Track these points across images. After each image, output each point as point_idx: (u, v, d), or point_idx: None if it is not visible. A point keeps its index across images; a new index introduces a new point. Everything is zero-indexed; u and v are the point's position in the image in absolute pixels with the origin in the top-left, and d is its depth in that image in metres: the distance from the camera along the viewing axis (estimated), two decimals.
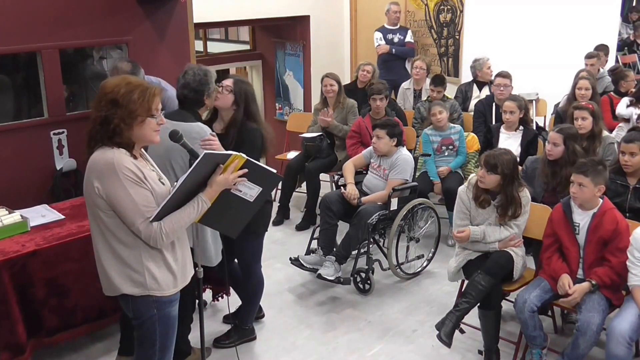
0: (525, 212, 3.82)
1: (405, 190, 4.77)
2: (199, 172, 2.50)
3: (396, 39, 7.34)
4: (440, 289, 4.73)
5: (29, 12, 4.33)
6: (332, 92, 6.01)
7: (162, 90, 2.57)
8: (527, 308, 3.47)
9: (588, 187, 3.43)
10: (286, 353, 3.95)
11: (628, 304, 3.35)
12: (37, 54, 4.45)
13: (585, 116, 4.61)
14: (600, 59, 6.47)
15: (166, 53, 5.05)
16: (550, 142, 4.20)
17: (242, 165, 2.59)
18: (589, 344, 3.33)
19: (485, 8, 7.09)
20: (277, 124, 8.11)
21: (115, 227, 2.46)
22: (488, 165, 3.73)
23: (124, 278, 2.51)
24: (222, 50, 8.50)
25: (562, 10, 6.54)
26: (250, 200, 2.70)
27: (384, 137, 4.74)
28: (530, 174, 4.37)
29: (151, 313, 2.57)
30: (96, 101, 2.46)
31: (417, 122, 6.28)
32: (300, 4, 7.65)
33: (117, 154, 2.41)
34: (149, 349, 2.64)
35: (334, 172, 6.03)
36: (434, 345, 3.90)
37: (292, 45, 7.93)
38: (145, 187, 2.44)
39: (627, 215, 3.78)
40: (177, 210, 2.48)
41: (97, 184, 2.40)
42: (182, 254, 2.64)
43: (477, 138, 5.63)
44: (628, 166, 3.91)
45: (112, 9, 4.71)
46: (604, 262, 3.48)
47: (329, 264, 4.53)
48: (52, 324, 3.54)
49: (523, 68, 6.32)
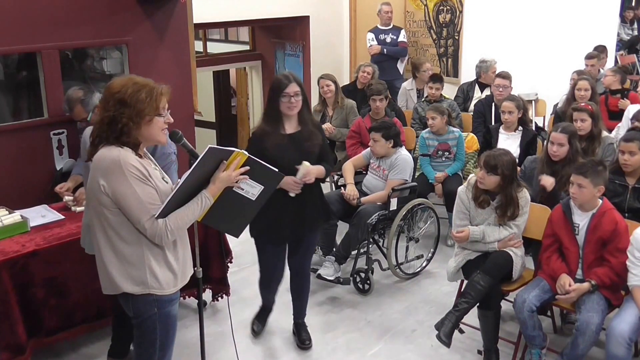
0: (525, 212, 3.82)
1: (404, 191, 4.77)
2: (202, 168, 2.50)
3: (388, 39, 7.34)
4: (440, 289, 4.74)
5: (29, 12, 4.33)
6: (329, 92, 6.03)
7: (169, 89, 2.57)
8: (526, 308, 3.47)
9: (587, 188, 3.42)
10: (286, 353, 3.95)
11: (628, 304, 3.36)
12: (37, 54, 4.45)
13: (584, 117, 4.61)
14: (600, 60, 6.48)
15: (166, 53, 5.05)
16: (554, 144, 4.13)
17: (244, 162, 2.60)
18: (588, 344, 3.34)
19: (485, 8, 7.10)
20: None
21: (119, 225, 2.47)
22: (488, 166, 3.73)
23: (125, 276, 2.51)
24: (221, 51, 8.50)
25: (561, 11, 6.55)
26: (252, 199, 2.71)
27: (380, 140, 4.74)
28: (529, 173, 4.37)
29: (151, 312, 2.57)
30: (104, 101, 2.47)
31: (415, 123, 6.28)
32: (299, 4, 7.65)
33: (122, 152, 2.42)
34: (149, 347, 2.65)
35: (334, 172, 6.03)
36: (433, 345, 3.91)
37: (292, 45, 7.93)
38: (150, 185, 2.45)
39: (626, 215, 3.78)
40: (181, 207, 2.49)
41: (103, 182, 2.41)
42: (182, 253, 2.65)
43: (476, 138, 5.63)
44: (627, 165, 3.91)
45: (112, 9, 4.71)
46: (603, 263, 3.48)
47: (329, 264, 4.54)
48: (52, 324, 3.54)
49: (522, 68, 6.34)
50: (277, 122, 3.50)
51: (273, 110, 3.49)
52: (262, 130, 3.52)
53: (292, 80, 3.43)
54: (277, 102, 3.45)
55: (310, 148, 3.54)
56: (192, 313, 4.31)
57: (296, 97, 3.43)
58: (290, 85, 3.41)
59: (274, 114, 3.49)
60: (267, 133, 3.48)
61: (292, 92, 3.42)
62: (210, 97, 9.54)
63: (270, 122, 3.51)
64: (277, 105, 3.46)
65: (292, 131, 3.54)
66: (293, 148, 3.48)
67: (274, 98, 3.46)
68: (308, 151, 3.52)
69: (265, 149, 3.38)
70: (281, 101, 3.43)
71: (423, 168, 5.54)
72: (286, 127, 3.52)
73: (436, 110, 5.40)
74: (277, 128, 3.50)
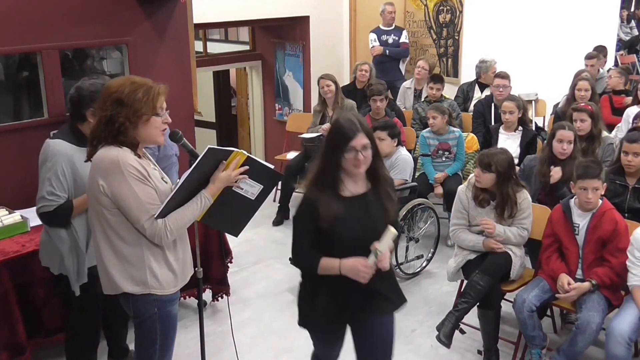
0: (529, 214, 3.82)
1: (404, 191, 4.78)
2: (201, 168, 2.51)
3: (390, 40, 7.35)
4: (440, 289, 4.74)
5: (29, 12, 4.33)
6: (330, 92, 6.03)
7: (166, 88, 2.58)
8: (526, 308, 3.48)
9: (600, 189, 3.45)
10: (286, 353, 3.95)
11: (628, 304, 3.36)
12: (37, 54, 4.45)
13: (584, 118, 4.61)
14: (599, 60, 6.48)
15: (166, 53, 5.05)
16: (564, 141, 4.18)
17: (243, 162, 2.60)
18: (586, 343, 3.34)
19: (485, 9, 7.09)
20: (276, 125, 8.12)
21: (119, 225, 2.47)
22: (482, 164, 3.76)
23: (125, 276, 2.51)
24: (222, 51, 8.49)
25: (561, 11, 6.55)
26: (251, 198, 2.71)
27: (386, 139, 4.75)
28: (528, 172, 4.39)
29: (152, 312, 2.57)
30: (101, 101, 2.48)
31: (415, 123, 6.29)
32: (300, 4, 7.65)
33: (121, 152, 2.42)
34: (149, 348, 2.65)
35: None
36: (433, 345, 3.91)
37: (292, 45, 7.93)
38: (149, 185, 2.45)
39: (626, 216, 3.79)
40: (180, 207, 2.49)
41: (102, 182, 2.41)
42: (183, 253, 2.65)
43: (476, 138, 5.64)
44: (631, 166, 3.91)
45: (112, 10, 4.71)
46: (603, 263, 3.49)
47: None
48: (52, 324, 3.54)
49: (522, 68, 6.33)
50: (336, 182, 2.58)
51: (331, 167, 2.56)
52: (314, 194, 2.57)
53: (359, 129, 2.51)
54: (338, 157, 2.53)
55: (385, 217, 2.61)
56: (192, 313, 4.31)
57: (365, 150, 2.52)
58: (358, 136, 2.50)
59: (332, 172, 2.57)
60: (322, 198, 2.55)
61: (361, 144, 2.50)
62: (210, 97, 9.54)
63: (326, 182, 2.57)
64: (338, 161, 2.54)
65: (359, 193, 2.62)
66: (360, 217, 2.58)
67: (334, 151, 2.54)
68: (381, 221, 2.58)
69: (319, 221, 2.53)
70: (345, 157, 2.51)
71: (425, 168, 5.54)
72: (349, 188, 2.60)
73: (437, 110, 5.41)
74: (336, 190, 2.57)
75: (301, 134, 6.23)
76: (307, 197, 2.59)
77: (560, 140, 4.19)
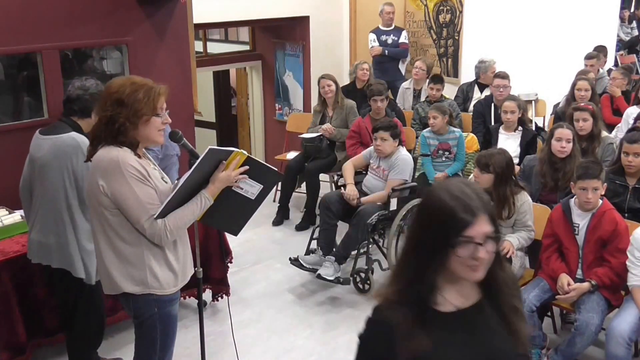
0: (531, 214, 3.82)
1: (404, 191, 4.78)
2: (202, 169, 2.51)
3: (390, 40, 7.35)
4: None
5: (30, 12, 4.33)
6: (330, 92, 6.04)
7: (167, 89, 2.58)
8: (526, 308, 3.47)
9: (600, 189, 3.45)
10: (286, 353, 3.95)
11: (627, 304, 3.36)
12: (38, 54, 4.45)
13: (586, 117, 4.61)
14: (599, 60, 6.48)
15: (166, 53, 5.05)
16: (562, 139, 4.18)
17: (243, 162, 2.60)
18: (585, 344, 3.34)
19: (485, 9, 7.09)
20: (276, 125, 8.12)
21: (119, 225, 2.47)
22: (480, 164, 3.77)
23: (125, 276, 2.51)
24: (221, 51, 8.49)
25: (561, 11, 6.54)
26: (251, 198, 2.71)
27: (389, 139, 4.75)
28: (528, 172, 4.39)
29: (152, 312, 2.58)
30: (101, 101, 2.48)
31: (415, 123, 6.29)
32: (299, 4, 7.65)
33: (121, 152, 2.42)
34: (149, 347, 2.65)
35: (334, 173, 6.05)
36: None
37: (292, 45, 7.93)
38: (149, 185, 2.46)
39: (625, 216, 3.79)
40: (180, 208, 2.49)
41: (102, 182, 2.41)
42: (183, 253, 2.65)
43: (476, 138, 5.64)
44: (631, 166, 3.91)
45: (112, 10, 4.71)
46: (603, 263, 3.49)
47: (329, 264, 4.54)
48: (52, 324, 3.54)
49: (522, 68, 6.33)
50: (431, 291, 1.59)
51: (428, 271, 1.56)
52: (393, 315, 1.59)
53: (479, 207, 1.52)
54: (443, 255, 1.54)
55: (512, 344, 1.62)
56: (192, 313, 4.31)
57: (488, 243, 1.53)
58: (479, 221, 1.52)
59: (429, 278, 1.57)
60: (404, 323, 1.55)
61: (482, 234, 1.52)
62: (210, 98, 9.54)
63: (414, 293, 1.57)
64: (443, 259, 1.54)
65: (466, 306, 1.61)
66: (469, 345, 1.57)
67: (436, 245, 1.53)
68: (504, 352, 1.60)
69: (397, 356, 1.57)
70: (456, 254, 1.52)
71: (425, 168, 5.54)
72: (451, 299, 1.60)
73: (438, 110, 5.41)
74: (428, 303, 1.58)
75: (301, 134, 6.23)
76: (381, 319, 1.66)
77: (558, 139, 4.19)
